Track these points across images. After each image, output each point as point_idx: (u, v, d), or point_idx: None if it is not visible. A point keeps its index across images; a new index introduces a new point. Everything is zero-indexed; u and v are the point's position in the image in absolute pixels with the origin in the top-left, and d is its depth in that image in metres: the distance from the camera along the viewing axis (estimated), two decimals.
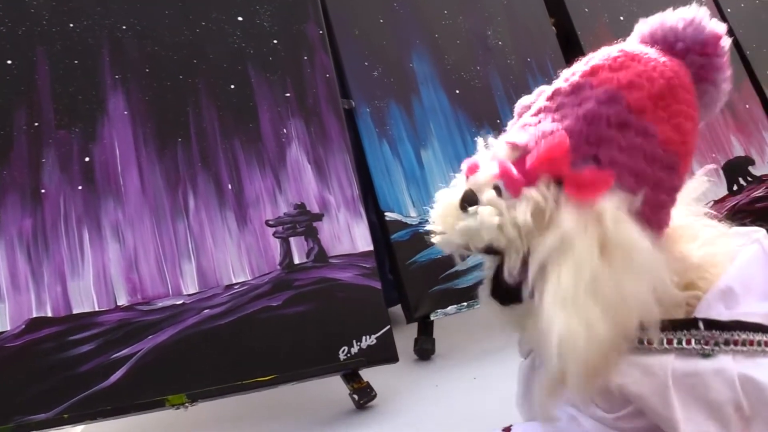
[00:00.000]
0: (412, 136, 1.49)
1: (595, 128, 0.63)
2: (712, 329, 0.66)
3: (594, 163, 0.63)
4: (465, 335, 1.50)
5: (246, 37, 1.34)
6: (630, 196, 0.62)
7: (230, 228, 1.20)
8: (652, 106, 0.64)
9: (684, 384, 0.64)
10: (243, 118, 1.28)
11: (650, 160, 0.63)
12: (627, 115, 0.63)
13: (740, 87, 2.11)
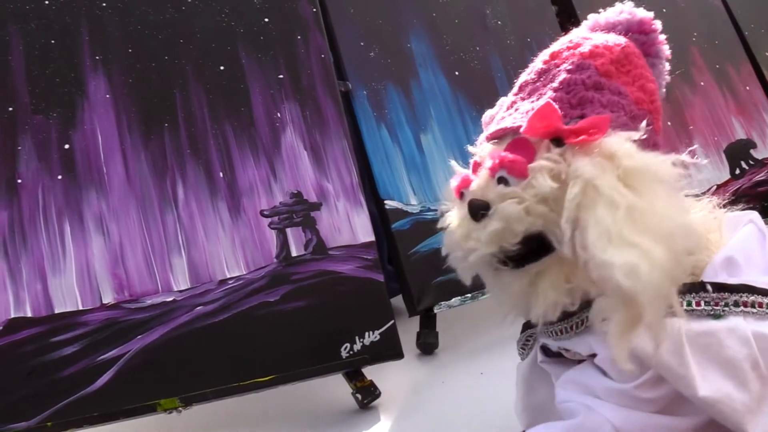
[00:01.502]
0: (412, 120, 1.42)
1: (575, 92, 0.67)
2: (721, 291, 0.66)
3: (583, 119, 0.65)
4: (469, 328, 1.43)
5: (235, 15, 1.26)
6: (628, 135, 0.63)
7: (223, 219, 1.12)
8: (615, 71, 0.69)
9: (699, 343, 0.64)
10: (234, 102, 1.20)
11: (630, 115, 0.67)
12: (598, 78, 0.68)
13: (740, 69, 2.06)
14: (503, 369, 1.25)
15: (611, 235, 0.58)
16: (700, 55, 1.98)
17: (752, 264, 0.70)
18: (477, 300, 1.36)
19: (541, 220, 0.63)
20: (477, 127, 1.52)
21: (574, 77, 0.68)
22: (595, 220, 0.59)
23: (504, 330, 1.41)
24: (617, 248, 0.57)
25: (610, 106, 0.67)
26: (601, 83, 0.67)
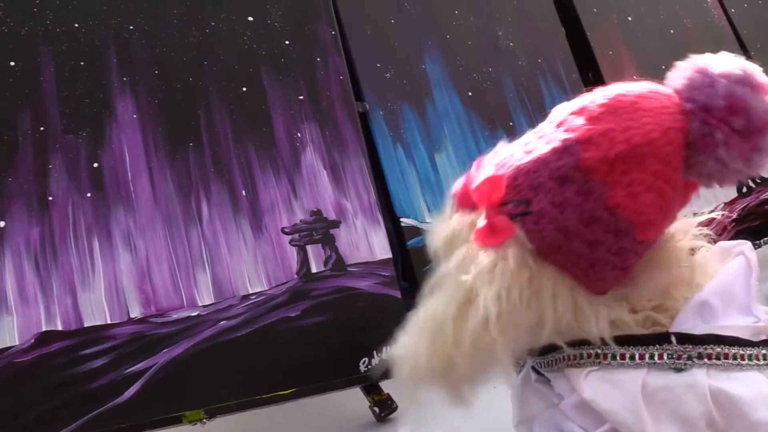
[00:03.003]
0: (426, 140, 1.45)
1: (539, 175, 0.62)
2: (685, 343, 0.64)
3: (526, 206, 0.62)
4: None
5: (257, 38, 1.30)
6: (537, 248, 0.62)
7: (245, 236, 1.16)
8: (606, 168, 0.61)
9: (655, 398, 0.63)
10: (256, 122, 1.24)
11: (587, 220, 0.61)
12: (573, 172, 0.61)
13: None
14: None
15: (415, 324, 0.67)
16: None
17: (731, 305, 0.68)
18: None
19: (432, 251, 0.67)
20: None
21: (549, 159, 0.62)
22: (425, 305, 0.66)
23: None
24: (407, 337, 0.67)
25: (560, 206, 0.61)
26: (571, 178, 0.61)
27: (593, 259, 0.63)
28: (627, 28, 1.92)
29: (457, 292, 0.63)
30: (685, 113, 0.61)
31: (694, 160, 0.61)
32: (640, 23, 1.96)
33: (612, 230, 0.61)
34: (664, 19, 2.03)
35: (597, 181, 0.60)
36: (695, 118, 0.61)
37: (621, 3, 1.95)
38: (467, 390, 0.66)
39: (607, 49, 1.85)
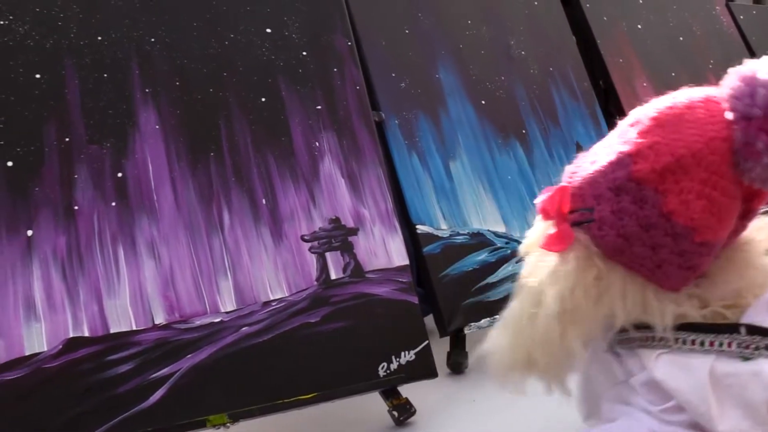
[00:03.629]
0: (441, 148, 1.48)
1: (599, 185, 0.69)
2: (754, 334, 0.68)
3: (590, 214, 0.69)
4: None
5: (275, 49, 1.33)
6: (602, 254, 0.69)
7: (266, 244, 1.18)
8: (657, 178, 0.66)
9: (722, 383, 0.67)
10: (275, 132, 1.26)
11: (646, 226, 0.67)
12: (627, 182, 0.67)
13: None
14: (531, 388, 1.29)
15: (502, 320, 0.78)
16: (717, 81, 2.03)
17: None
18: None
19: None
20: (502, 154, 1.58)
21: (607, 171, 0.68)
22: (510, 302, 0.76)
23: None
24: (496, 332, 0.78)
25: (619, 214, 0.67)
26: (626, 189, 0.67)
27: (658, 261, 0.68)
28: (637, 36, 1.94)
29: (529, 294, 0.71)
30: (729, 122, 0.65)
31: (743, 166, 0.65)
32: (649, 31, 1.98)
33: (670, 234, 0.66)
34: (674, 27, 2.05)
35: (650, 190, 0.66)
36: (737, 127, 0.64)
37: (631, 11, 1.97)
38: (555, 379, 0.74)
39: (617, 56, 1.87)
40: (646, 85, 1.87)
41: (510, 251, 1.47)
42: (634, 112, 0.70)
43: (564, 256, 0.70)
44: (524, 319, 0.72)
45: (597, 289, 0.69)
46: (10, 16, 1.16)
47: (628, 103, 1.82)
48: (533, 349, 0.72)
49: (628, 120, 0.70)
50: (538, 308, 0.70)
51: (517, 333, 0.73)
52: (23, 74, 1.14)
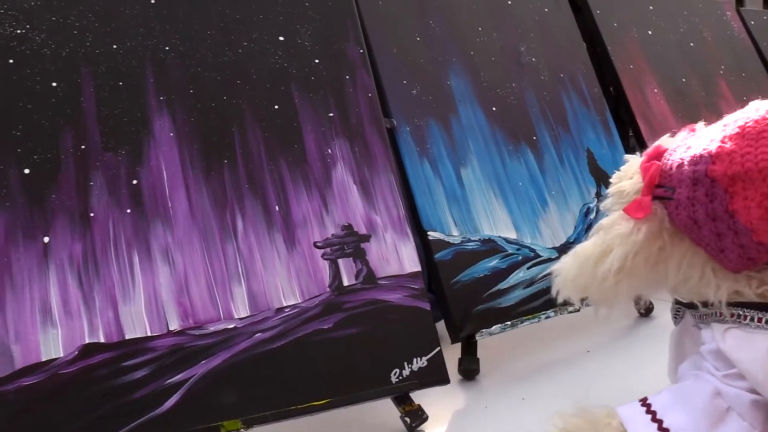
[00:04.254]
0: (452, 155, 1.48)
1: (683, 172, 0.80)
2: None
3: (671, 193, 0.82)
4: (508, 354, 1.48)
5: (288, 57, 1.34)
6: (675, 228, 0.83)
7: (279, 250, 1.19)
8: (727, 181, 0.76)
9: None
10: (288, 139, 1.27)
11: (713, 216, 0.78)
12: (703, 177, 0.78)
13: None
14: (543, 393, 1.30)
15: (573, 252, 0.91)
16: (727, 86, 2.04)
17: None
18: (516, 327, 1.41)
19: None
20: (513, 160, 1.59)
21: (690, 163, 0.80)
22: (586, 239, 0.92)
23: (542, 356, 1.46)
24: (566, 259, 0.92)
25: (692, 201, 0.80)
26: (701, 182, 0.78)
27: (722, 246, 0.79)
28: (647, 42, 1.95)
29: (601, 243, 0.86)
30: None
31: None
32: (660, 37, 1.98)
33: (732, 229, 0.77)
34: (684, 33, 2.05)
35: (721, 189, 0.77)
36: None
37: (641, 17, 1.97)
38: (603, 308, 0.90)
39: (628, 63, 1.87)
40: (656, 91, 1.88)
41: (521, 257, 1.48)
42: (733, 114, 0.82)
43: (638, 224, 0.83)
44: (590, 260, 0.86)
45: (657, 258, 0.83)
46: (27, 26, 1.17)
47: (639, 109, 1.82)
48: (590, 286, 0.86)
49: (726, 120, 0.81)
50: (603, 257, 0.84)
51: (580, 269, 0.87)
52: (40, 82, 1.15)
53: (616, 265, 0.82)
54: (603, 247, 0.85)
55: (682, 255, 0.83)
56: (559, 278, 0.90)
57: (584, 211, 1.62)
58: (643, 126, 1.80)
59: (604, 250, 0.85)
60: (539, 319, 1.44)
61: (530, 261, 1.49)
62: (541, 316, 1.44)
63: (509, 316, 1.41)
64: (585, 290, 0.87)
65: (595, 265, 0.85)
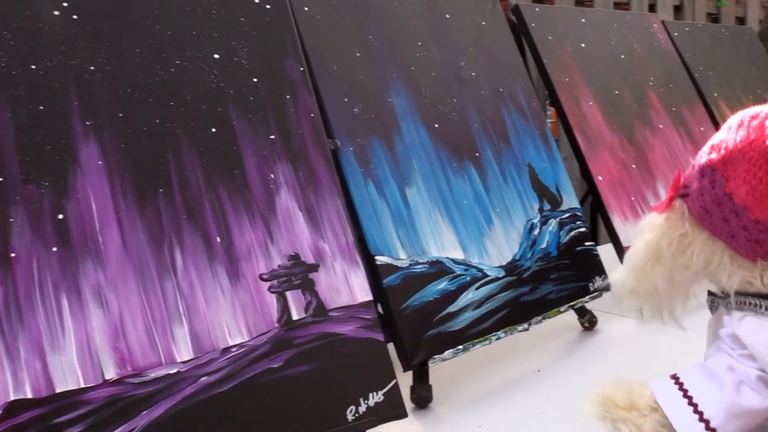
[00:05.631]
0: (396, 175, 1.44)
1: (696, 169, 0.96)
2: None
3: (689, 189, 0.97)
4: (459, 379, 1.45)
5: (224, 76, 1.26)
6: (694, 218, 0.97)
7: (222, 285, 1.11)
8: (722, 167, 0.90)
9: None
10: (227, 164, 1.20)
11: (717, 202, 0.91)
12: (707, 168, 0.93)
13: (694, 111, 2.16)
14: (499, 419, 1.27)
15: (626, 259, 1.04)
16: (657, 98, 2.08)
17: None
18: (469, 351, 1.38)
19: None
20: (458, 178, 1.56)
21: (701, 156, 0.95)
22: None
23: (494, 379, 1.43)
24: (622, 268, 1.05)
25: (700, 191, 0.93)
26: (705, 172, 0.93)
27: (730, 231, 0.91)
28: (581, 55, 1.96)
29: (638, 239, 1.00)
30: None
31: None
32: (592, 50, 2.00)
33: (734, 211, 0.89)
34: (615, 45, 2.08)
35: (719, 175, 0.90)
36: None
37: (574, 30, 1.99)
38: (658, 311, 1.02)
39: (563, 76, 1.88)
40: (591, 104, 1.89)
41: (469, 278, 1.45)
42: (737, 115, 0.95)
43: (661, 217, 0.98)
44: (632, 256, 1.00)
45: (679, 244, 0.96)
46: None
47: (576, 122, 1.83)
48: (634, 279, 0.99)
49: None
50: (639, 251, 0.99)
51: (627, 265, 1.02)
52: None
53: (644, 251, 0.97)
54: (638, 242, 1.00)
55: (702, 243, 0.95)
56: (615, 286, 1.04)
57: (528, 227, 1.61)
58: (580, 139, 1.81)
59: (640, 245, 0.99)
60: (490, 341, 1.42)
61: (478, 281, 1.46)
62: (492, 337, 1.42)
63: (460, 340, 1.37)
64: (633, 289, 1.00)
65: (632, 257, 1.00)
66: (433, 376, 1.36)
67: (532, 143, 1.71)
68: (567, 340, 1.64)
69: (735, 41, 2.59)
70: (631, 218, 1.77)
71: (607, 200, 1.74)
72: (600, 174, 1.76)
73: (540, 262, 1.57)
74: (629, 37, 2.11)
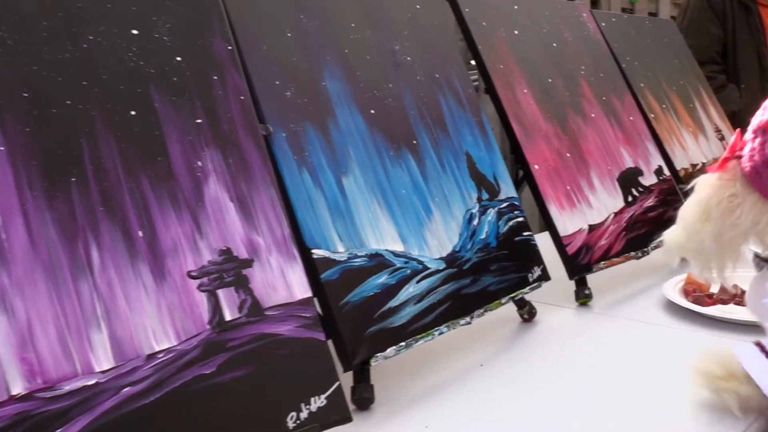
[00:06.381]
0: (332, 163, 1.35)
1: (750, 130, 1.00)
2: None
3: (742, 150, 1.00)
4: (401, 377, 1.38)
5: (144, 54, 1.14)
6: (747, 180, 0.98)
7: (146, 284, 1.00)
8: None
9: None
10: (149, 151, 1.08)
11: (765, 162, 0.95)
12: (758, 128, 0.98)
13: (623, 100, 2.17)
14: (445, 417, 1.21)
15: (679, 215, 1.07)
16: (588, 87, 2.07)
17: None
18: (411, 347, 1.31)
19: None
20: (395, 166, 1.49)
21: (755, 118, 0.99)
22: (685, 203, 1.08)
23: (437, 376, 1.37)
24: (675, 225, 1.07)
25: (753, 151, 0.96)
26: (755, 132, 0.98)
27: None
28: (515, 42, 1.93)
29: (690, 197, 1.03)
30: None
31: None
32: (526, 37, 1.97)
33: None
34: (547, 33, 2.05)
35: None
36: None
37: (507, 17, 1.95)
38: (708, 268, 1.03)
39: (498, 62, 1.84)
40: (526, 92, 1.86)
41: (409, 271, 1.38)
42: None
43: (714, 176, 1.01)
44: (681, 212, 1.04)
45: (729, 203, 0.98)
46: None
47: (511, 110, 1.79)
48: (684, 236, 1.02)
49: None
50: (687, 206, 1.02)
51: (679, 223, 1.04)
52: None
53: (695, 208, 1.00)
54: (690, 203, 1.02)
55: (752, 204, 0.96)
56: (666, 243, 1.05)
57: (467, 217, 1.56)
58: (515, 126, 1.77)
59: (691, 204, 1.02)
60: (433, 336, 1.35)
61: (419, 274, 1.39)
62: (434, 332, 1.35)
63: (403, 336, 1.31)
64: (682, 248, 1.03)
65: (683, 215, 1.03)
66: (374, 375, 1.28)
67: (469, 131, 1.66)
68: (507, 332, 1.60)
69: (657, 33, 2.63)
70: (567, 207, 1.75)
71: (543, 189, 1.71)
72: (536, 163, 1.72)
73: (480, 253, 1.52)
74: (560, 26, 2.09)
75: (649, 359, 1.42)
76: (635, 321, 1.65)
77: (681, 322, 1.62)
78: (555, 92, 1.94)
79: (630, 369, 1.38)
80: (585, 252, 1.77)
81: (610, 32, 2.31)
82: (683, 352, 1.45)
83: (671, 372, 1.33)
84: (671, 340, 1.54)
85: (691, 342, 1.51)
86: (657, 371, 1.35)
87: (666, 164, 2.21)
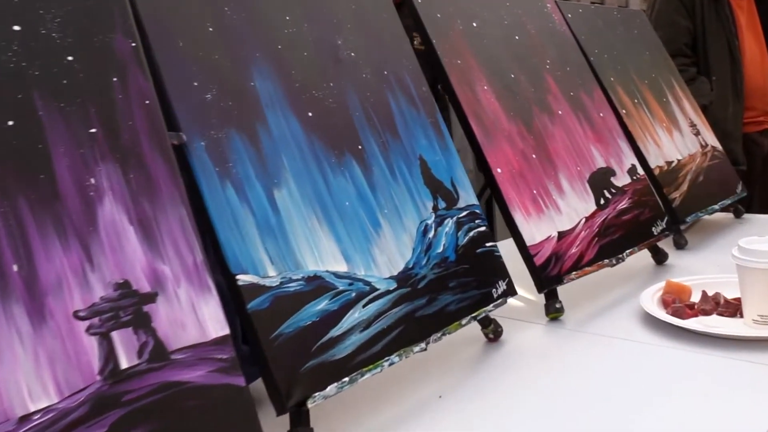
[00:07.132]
0: (262, 174, 1.19)
1: None
2: None
3: None
4: (348, 415, 1.22)
5: (27, 53, 0.97)
6: None
7: (20, 329, 0.83)
8: None
9: None
10: (29, 168, 0.91)
11: None
12: None
13: (592, 95, 2.03)
14: None
15: None
16: (554, 82, 1.92)
17: None
18: (356, 383, 1.15)
19: None
20: (337, 175, 1.32)
21: None
22: None
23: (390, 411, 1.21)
24: None
25: None
26: None
27: None
28: (473, 36, 1.77)
29: None
30: None
31: None
32: (485, 30, 1.82)
33: None
34: (509, 25, 1.91)
35: None
36: None
37: (465, 8, 1.80)
38: None
39: (455, 57, 1.68)
40: (486, 89, 1.70)
41: (354, 294, 1.22)
42: None
43: None
44: None
45: None
46: None
47: (470, 108, 1.64)
48: None
49: None
50: None
51: None
52: None
53: None
54: None
55: None
56: None
57: (422, 229, 1.40)
58: (475, 126, 1.62)
59: None
60: (382, 368, 1.19)
61: (366, 297, 1.23)
62: (383, 363, 1.19)
63: (346, 370, 1.15)
64: None
65: None
66: (314, 416, 1.12)
67: (423, 133, 1.51)
68: (470, 355, 1.45)
69: (627, 24, 2.50)
70: (534, 213, 1.60)
71: (507, 195, 1.55)
72: (499, 166, 1.57)
73: (437, 269, 1.37)
74: (523, 17, 1.94)
75: (627, 379, 1.28)
76: (611, 338, 1.50)
77: (660, 338, 1.47)
78: (518, 89, 1.79)
79: (607, 392, 1.23)
80: (555, 262, 1.62)
81: (576, 23, 2.17)
82: (663, 371, 1.32)
83: (651, 392, 1.21)
84: (650, 357, 1.40)
85: (671, 360, 1.37)
86: (636, 393, 1.21)
87: (640, 163, 2.07)
